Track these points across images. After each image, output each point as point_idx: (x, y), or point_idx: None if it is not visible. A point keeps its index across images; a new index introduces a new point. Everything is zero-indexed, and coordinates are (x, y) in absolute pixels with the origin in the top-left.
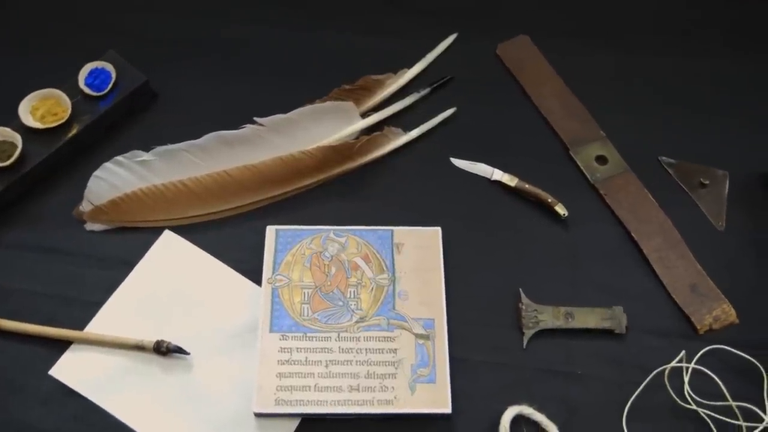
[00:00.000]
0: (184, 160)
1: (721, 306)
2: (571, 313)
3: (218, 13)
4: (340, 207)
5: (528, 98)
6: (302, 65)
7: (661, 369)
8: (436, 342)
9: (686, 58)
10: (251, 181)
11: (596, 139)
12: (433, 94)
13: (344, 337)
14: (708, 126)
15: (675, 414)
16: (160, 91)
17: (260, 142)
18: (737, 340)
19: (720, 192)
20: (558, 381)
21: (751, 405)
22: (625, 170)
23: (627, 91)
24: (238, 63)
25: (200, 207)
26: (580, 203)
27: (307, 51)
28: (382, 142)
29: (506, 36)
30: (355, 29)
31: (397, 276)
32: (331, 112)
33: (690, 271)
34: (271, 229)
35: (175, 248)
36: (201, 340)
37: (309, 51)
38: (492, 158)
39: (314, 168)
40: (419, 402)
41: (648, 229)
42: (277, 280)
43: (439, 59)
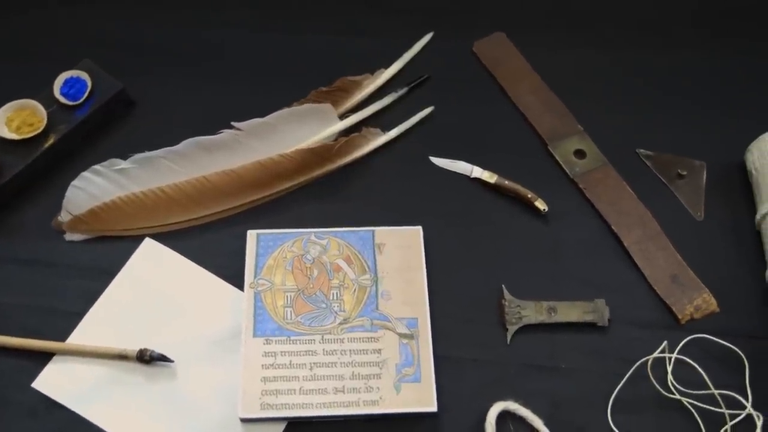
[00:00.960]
0: (162, 167)
1: (702, 295)
2: (553, 307)
3: (193, 18)
4: (321, 209)
5: (505, 95)
6: (279, 68)
7: (644, 360)
8: (420, 341)
9: (661, 51)
10: (231, 186)
11: (574, 133)
12: (410, 93)
13: (328, 339)
14: (684, 118)
15: (659, 404)
16: (137, 99)
17: (238, 146)
18: (719, 328)
19: (698, 182)
20: (542, 375)
21: (733, 393)
22: (603, 164)
23: (604, 85)
24: (215, 68)
25: (180, 214)
26: (560, 198)
27: (283, 54)
28: (361, 143)
29: (482, 33)
30: (330, 30)
31: (379, 276)
32: (309, 115)
33: (670, 261)
34: (252, 233)
35: (156, 256)
36: (184, 348)
37: (285, 54)
38: (471, 156)
39: (293, 171)
40: (405, 401)
41: (628, 222)
42: (260, 284)
43: (416, 58)
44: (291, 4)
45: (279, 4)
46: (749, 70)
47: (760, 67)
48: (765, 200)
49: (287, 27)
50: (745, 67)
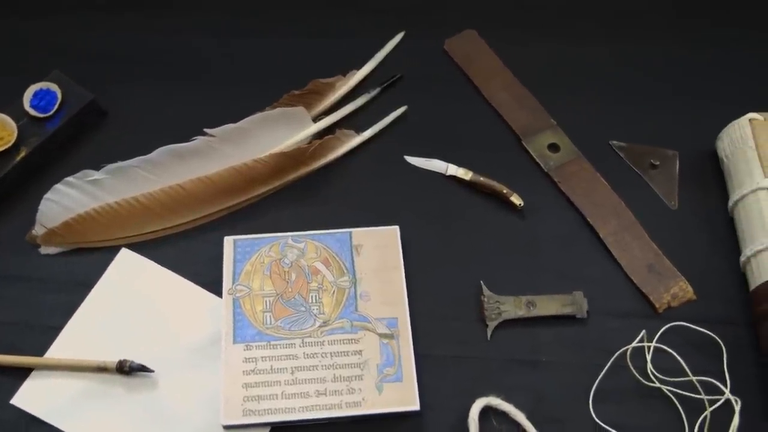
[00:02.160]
0: (136, 176)
1: (678, 283)
2: (532, 301)
3: (162, 26)
4: (298, 213)
5: (478, 92)
6: (250, 73)
7: (623, 350)
8: (401, 340)
9: (631, 42)
10: (206, 193)
11: (547, 127)
12: (383, 93)
13: (308, 343)
14: (656, 108)
15: (639, 393)
16: (109, 109)
17: (212, 153)
18: (696, 316)
19: (671, 172)
20: (524, 370)
21: (712, 379)
22: (577, 156)
23: (575, 78)
24: (186, 75)
25: (156, 222)
26: (536, 192)
27: (255, 58)
28: (335, 145)
29: (453, 31)
30: (301, 33)
31: (357, 277)
32: (282, 119)
33: (646, 251)
34: (229, 239)
35: (133, 266)
36: (165, 357)
37: (256, 58)
38: (446, 153)
39: (268, 175)
40: (387, 401)
41: (603, 213)
42: (238, 290)
43: (388, 58)
44: (260, 8)
45: (248, 9)
46: (717, 58)
47: (728, 55)
48: (737, 187)
49: (257, 31)
50: (714, 55)
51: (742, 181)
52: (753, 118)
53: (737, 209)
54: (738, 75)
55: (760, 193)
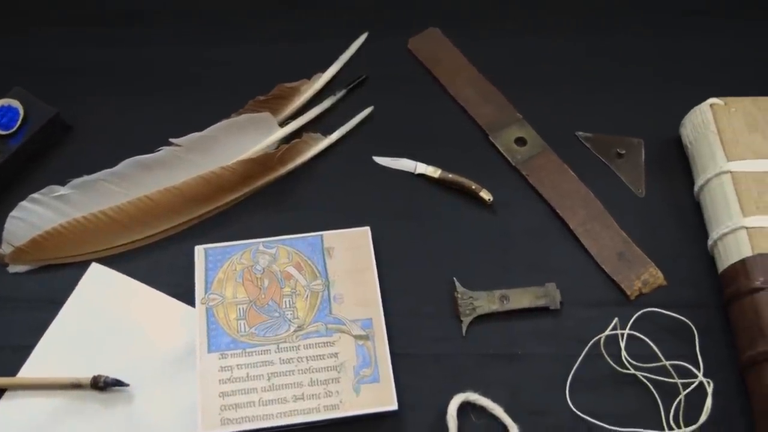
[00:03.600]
0: (102, 189)
1: (649, 270)
2: (505, 295)
3: (123, 37)
4: (269, 218)
5: (443, 89)
6: (214, 81)
7: (597, 339)
8: (376, 341)
9: (593, 33)
10: (174, 203)
11: (513, 122)
12: (349, 95)
13: (284, 348)
14: (619, 97)
15: (615, 380)
16: (74, 123)
17: (179, 162)
18: (667, 301)
19: (637, 160)
20: (500, 364)
21: (685, 363)
22: (544, 149)
23: (538, 71)
24: (149, 86)
25: (125, 235)
26: (504, 186)
27: (218, 66)
28: (303, 149)
29: (416, 30)
30: (263, 39)
31: (330, 280)
32: (248, 125)
33: (615, 239)
34: (200, 248)
35: (104, 280)
36: (140, 370)
37: (219, 66)
38: (414, 152)
39: (237, 182)
40: (365, 403)
41: (571, 204)
42: (211, 299)
43: (352, 59)
44: (220, 15)
45: (208, 16)
46: (678, 46)
47: (688, 43)
48: (701, 172)
49: (219, 39)
50: (674, 43)
51: (706, 165)
52: (714, 103)
53: (703, 194)
54: (699, 61)
55: (723, 176)
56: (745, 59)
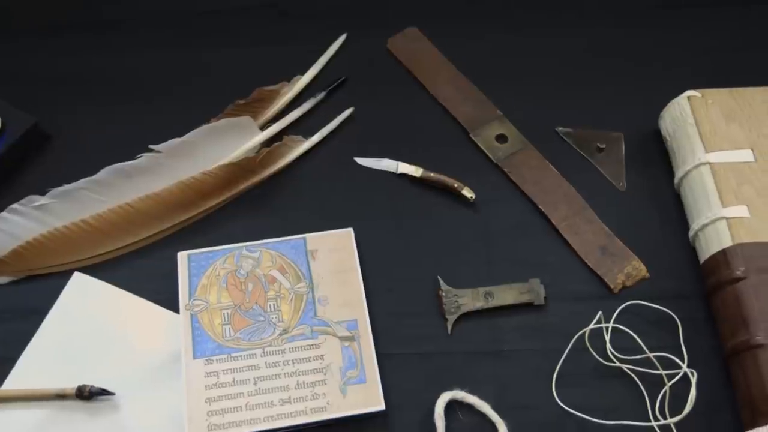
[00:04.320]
0: (83, 198)
1: (632, 263)
2: (490, 292)
3: (100, 44)
4: (252, 222)
5: (423, 88)
6: (193, 87)
7: (581, 333)
8: (362, 342)
9: (570, 28)
10: (156, 210)
11: (494, 119)
12: (330, 96)
13: (269, 352)
14: (598, 92)
15: (601, 373)
16: (52, 132)
17: (160, 169)
18: (651, 293)
19: (617, 154)
20: (486, 361)
21: (669, 354)
22: (525, 146)
23: (517, 68)
24: (128, 93)
25: (107, 243)
26: (486, 184)
27: (196, 71)
28: (284, 152)
29: (395, 30)
30: (242, 43)
31: (315, 283)
32: (229, 129)
33: (598, 234)
34: (183, 254)
35: (87, 289)
36: (125, 379)
37: (199, 71)
38: (396, 152)
39: (218, 187)
40: (352, 404)
41: (553, 200)
42: (195, 305)
43: (332, 61)
44: (197, 20)
45: (185, 22)
46: (655, 39)
47: (664, 35)
48: (681, 164)
49: (197, 44)
50: (651, 36)
51: (685, 157)
52: (691, 95)
53: (683, 185)
54: (676, 53)
55: (702, 168)
56: (721, 50)
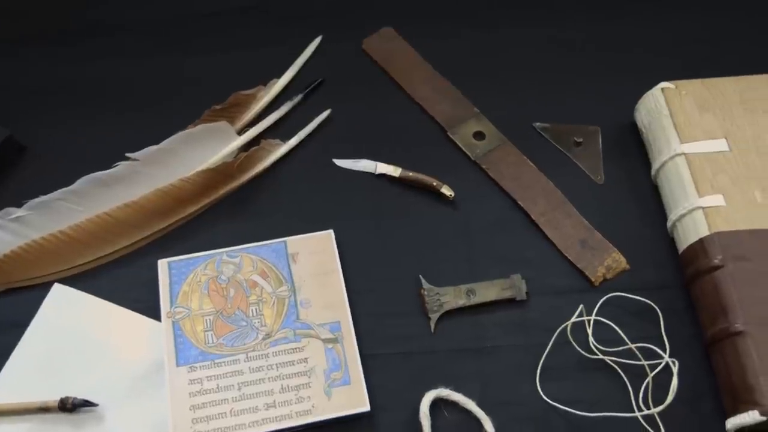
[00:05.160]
0: (61, 209)
1: (612, 255)
2: (472, 289)
3: (73, 54)
4: (232, 227)
5: (400, 88)
6: (169, 93)
7: (564, 326)
8: (345, 343)
9: (542, 25)
10: (135, 218)
11: (471, 116)
12: (306, 99)
13: (253, 357)
14: (574, 86)
15: (584, 366)
16: (27, 143)
17: (137, 177)
18: (631, 284)
19: (594, 147)
20: (470, 358)
21: (651, 344)
22: (502, 142)
23: (493, 65)
24: (103, 102)
25: (87, 254)
26: (465, 181)
27: (172, 78)
28: (263, 156)
29: (370, 31)
30: (217, 48)
31: (296, 286)
32: (206, 135)
33: (577, 227)
34: (163, 262)
35: (68, 300)
36: (109, 389)
37: (173, 78)
38: (375, 153)
39: (197, 194)
40: (337, 406)
41: (532, 195)
42: (177, 312)
43: (308, 64)
44: (171, 27)
45: (158, 30)
46: (627, 32)
47: (637, 28)
48: (657, 155)
49: (171, 50)
50: (624, 29)
51: (661, 148)
52: (665, 87)
53: (659, 177)
54: (649, 46)
55: (678, 159)
56: (694, 42)
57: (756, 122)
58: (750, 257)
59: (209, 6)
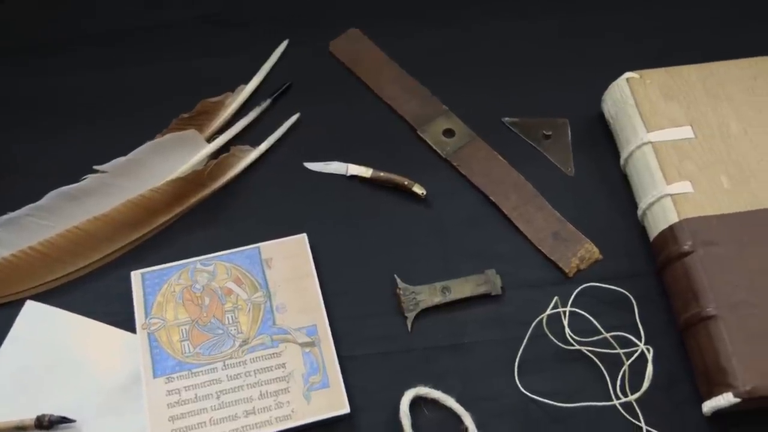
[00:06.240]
0: (29, 225)
1: (584, 246)
2: (447, 286)
3: (34, 68)
4: (206, 235)
5: (368, 88)
6: (136, 104)
7: (539, 319)
8: (323, 346)
9: (505, 19)
10: (106, 231)
11: (440, 114)
12: (275, 103)
13: (230, 364)
14: (542, 80)
15: (561, 357)
16: None
17: (107, 189)
18: (605, 274)
19: (564, 140)
20: (448, 355)
21: (626, 333)
22: (472, 138)
23: (459, 62)
24: (69, 114)
25: (58, 269)
26: (437, 179)
27: (138, 88)
28: (233, 162)
29: (336, 32)
30: (183, 56)
31: (271, 291)
32: (175, 144)
33: (549, 220)
34: (136, 273)
35: (41, 317)
36: (86, 404)
37: (140, 88)
38: (345, 154)
39: (168, 203)
40: (317, 409)
41: (504, 189)
42: (152, 323)
43: (275, 68)
44: (135, 36)
45: (121, 40)
46: (591, 23)
47: (602, 19)
48: (625, 145)
49: (138, 60)
50: (588, 21)
51: (628, 138)
52: (630, 77)
53: (628, 166)
54: (613, 37)
55: (645, 147)
56: (656, 31)
57: (720, 108)
58: (719, 242)
59: (173, 15)
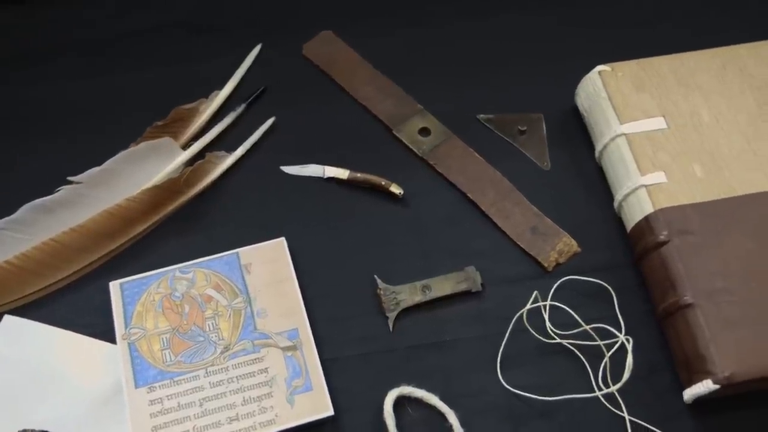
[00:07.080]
0: (4, 238)
1: (562, 239)
2: (427, 285)
3: (5, 78)
4: (184, 243)
5: (343, 90)
6: (109, 113)
7: (519, 314)
8: (305, 349)
9: (476, 17)
10: (83, 242)
11: (415, 113)
12: (250, 108)
13: (212, 371)
14: (515, 76)
15: (543, 351)
16: None
17: (82, 200)
18: (584, 267)
19: (539, 135)
20: (430, 353)
21: (606, 325)
22: (448, 136)
23: (432, 60)
24: (42, 125)
25: (36, 282)
26: (414, 178)
27: (112, 98)
28: (209, 169)
29: (309, 35)
30: (155, 63)
31: (251, 296)
32: (149, 152)
33: (527, 215)
34: (115, 284)
35: (19, 331)
36: (68, 417)
37: (113, 97)
38: (321, 157)
39: (145, 212)
40: (300, 413)
41: (481, 186)
42: (132, 334)
43: (249, 73)
44: (105, 45)
45: (91, 48)
46: (561, 17)
47: (573, 12)
48: (599, 137)
49: (107, 69)
50: (558, 15)
51: (602, 131)
52: (602, 69)
53: (603, 159)
54: (585, 30)
55: (619, 139)
56: (626, 23)
57: (691, 98)
58: (694, 231)
59: (144, 22)
